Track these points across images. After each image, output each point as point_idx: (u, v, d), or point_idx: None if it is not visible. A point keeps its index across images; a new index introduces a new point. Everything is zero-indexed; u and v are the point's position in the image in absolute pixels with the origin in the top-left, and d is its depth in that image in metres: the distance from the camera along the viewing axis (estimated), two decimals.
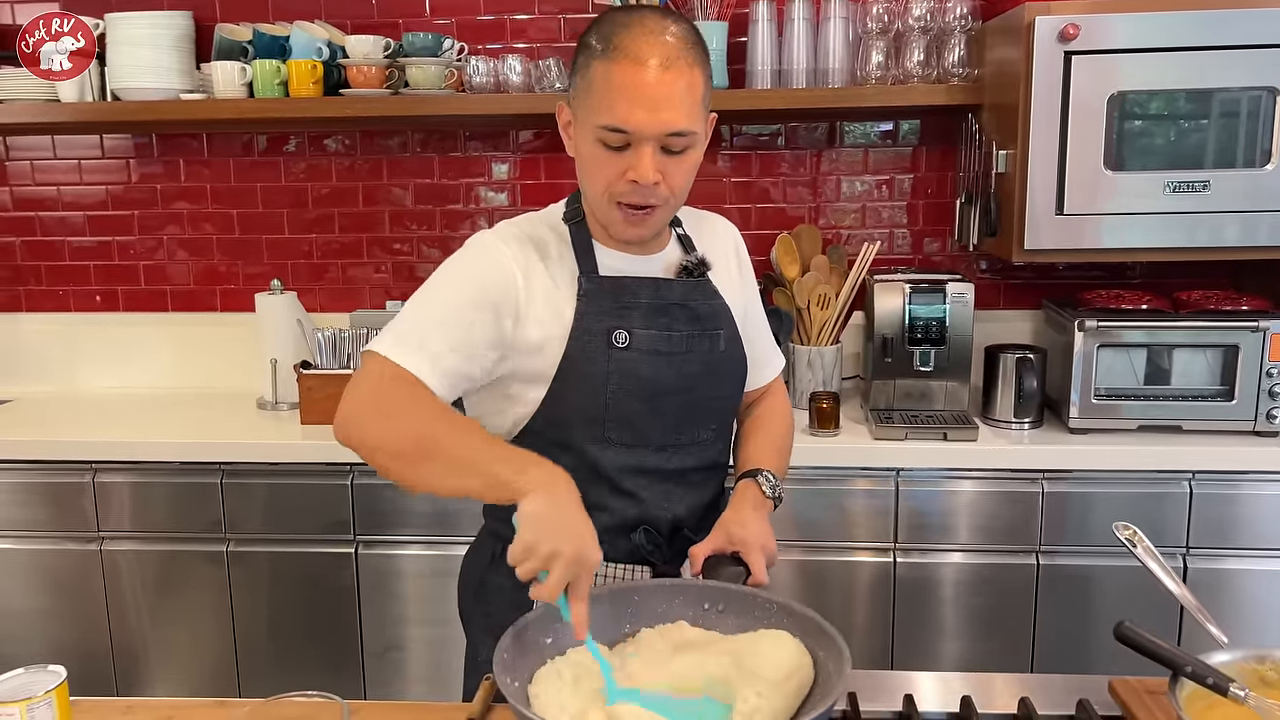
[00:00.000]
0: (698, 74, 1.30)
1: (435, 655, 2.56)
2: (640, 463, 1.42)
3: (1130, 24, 2.21)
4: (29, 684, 1.10)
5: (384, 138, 2.98)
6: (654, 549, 1.44)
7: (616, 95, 1.27)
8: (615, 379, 1.38)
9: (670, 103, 1.27)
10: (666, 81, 1.26)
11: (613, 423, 1.39)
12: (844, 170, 2.91)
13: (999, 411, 2.51)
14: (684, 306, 1.44)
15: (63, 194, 3.08)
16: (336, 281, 3.06)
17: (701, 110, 1.33)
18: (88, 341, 3.11)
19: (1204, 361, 2.41)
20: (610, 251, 1.43)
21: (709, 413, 1.48)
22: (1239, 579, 2.35)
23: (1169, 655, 1.08)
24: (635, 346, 1.39)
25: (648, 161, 1.28)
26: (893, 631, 2.43)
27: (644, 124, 1.27)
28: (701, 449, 1.48)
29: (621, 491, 1.41)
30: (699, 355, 1.44)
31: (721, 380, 1.49)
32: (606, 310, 1.39)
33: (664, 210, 1.37)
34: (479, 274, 1.37)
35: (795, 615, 1.21)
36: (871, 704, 1.23)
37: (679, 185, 1.34)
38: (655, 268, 1.46)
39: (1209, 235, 2.28)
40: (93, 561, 2.57)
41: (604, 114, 1.28)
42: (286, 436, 2.58)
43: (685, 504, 1.46)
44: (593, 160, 1.33)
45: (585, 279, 1.39)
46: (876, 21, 2.58)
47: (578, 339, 1.37)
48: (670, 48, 1.27)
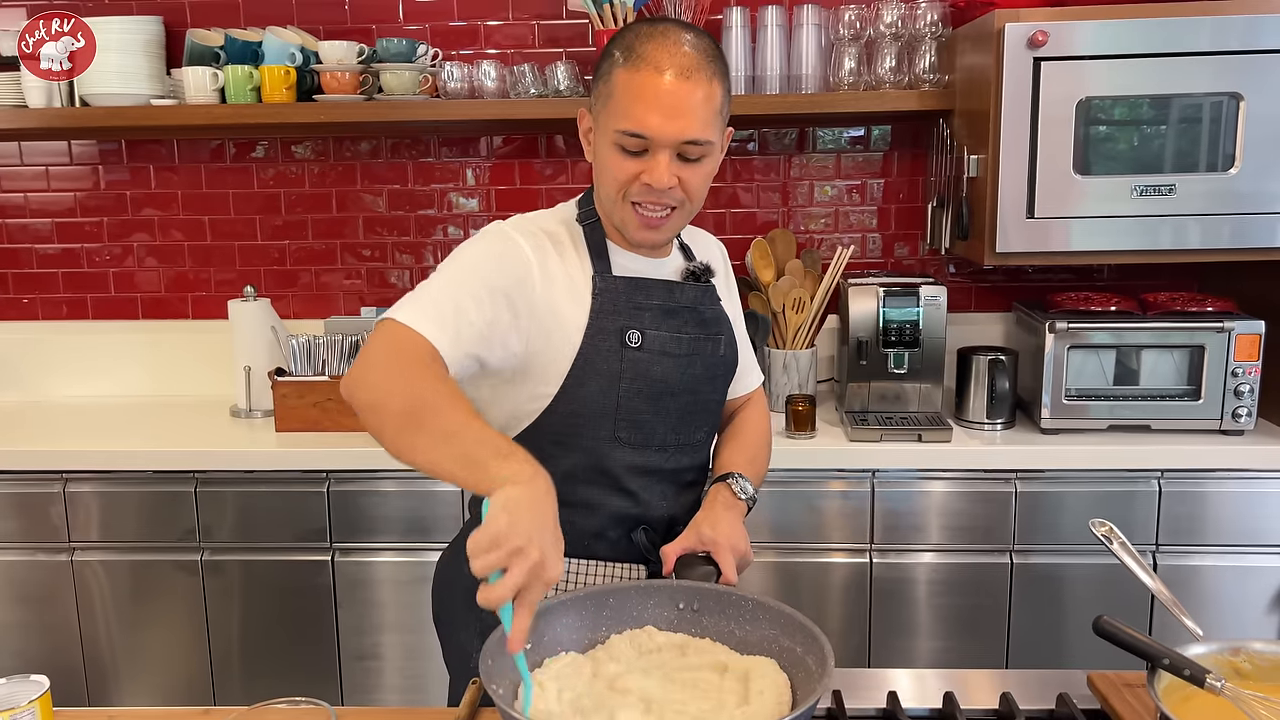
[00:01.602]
0: (716, 86, 1.34)
1: (412, 662, 2.55)
2: (645, 462, 1.44)
3: (1098, 31, 2.24)
4: (12, 694, 1.09)
5: (355, 143, 2.97)
6: (651, 547, 1.45)
7: (636, 102, 1.30)
8: (628, 378, 1.40)
9: (688, 111, 1.30)
10: (685, 91, 1.30)
11: (623, 421, 1.41)
12: (816, 175, 2.94)
13: (972, 413, 2.55)
14: (693, 310, 1.47)
15: (30, 201, 3.04)
16: (310, 288, 3.05)
17: (718, 121, 1.36)
18: (57, 350, 3.07)
19: (1171, 362, 2.45)
20: (623, 252, 1.45)
21: (705, 415, 1.52)
22: (1207, 575, 2.39)
23: (1147, 648, 1.10)
24: (647, 347, 1.41)
25: (664, 167, 1.32)
26: (869, 631, 2.46)
27: (661, 130, 1.30)
28: (696, 450, 1.52)
29: (624, 490, 1.43)
30: (702, 358, 1.48)
31: (718, 384, 1.53)
32: (620, 309, 1.41)
33: (681, 213, 1.39)
34: (496, 262, 1.37)
35: (771, 611, 1.21)
36: (855, 701, 1.25)
37: (695, 191, 1.38)
38: (666, 271, 1.49)
39: (1175, 238, 2.32)
40: (64, 572, 2.53)
41: (623, 119, 1.32)
42: (261, 444, 2.56)
43: (680, 503, 1.49)
44: (610, 164, 1.36)
45: (600, 277, 1.41)
46: (849, 28, 2.60)
47: (592, 337, 1.39)
48: (690, 59, 1.31)
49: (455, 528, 2.48)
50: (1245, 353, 2.39)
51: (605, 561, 1.45)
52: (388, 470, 2.45)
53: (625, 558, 1.46)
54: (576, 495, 1.15)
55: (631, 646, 1.22)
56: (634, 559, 1.47)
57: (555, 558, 1.06)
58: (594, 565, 1.45)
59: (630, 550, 1.46)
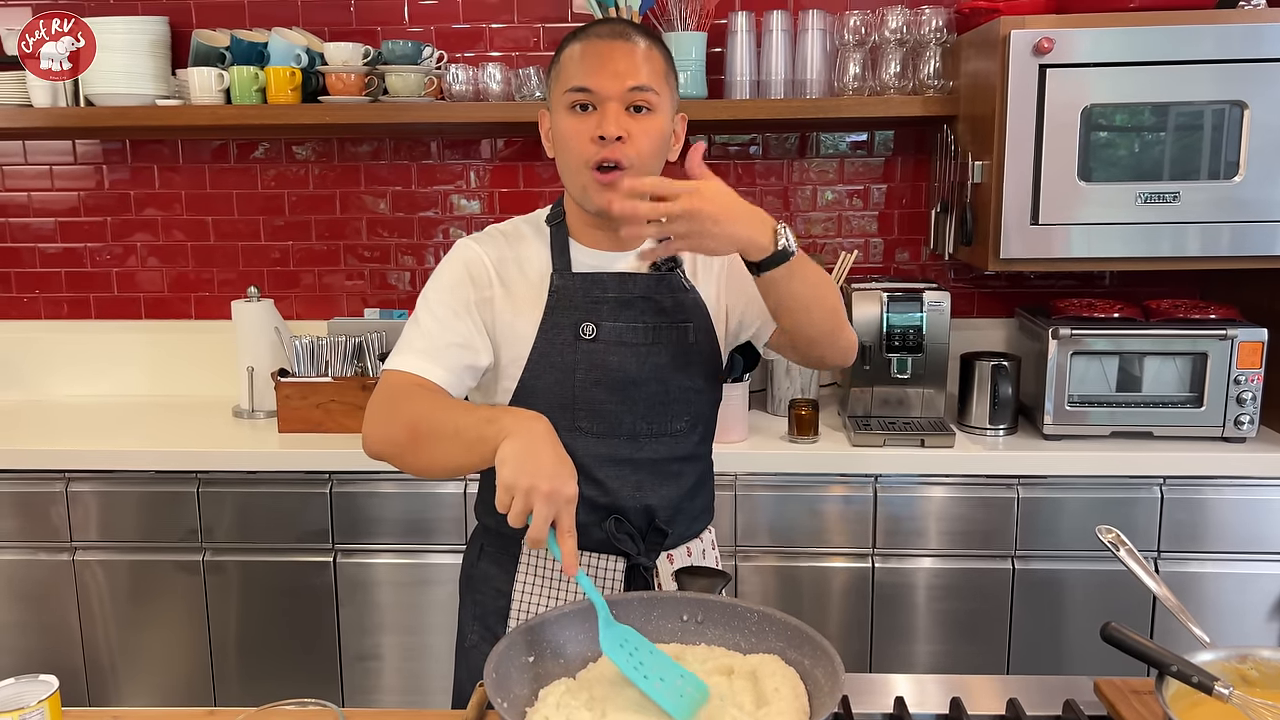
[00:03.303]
0: (655, 52, 1.44)
1: (412, 663, 2.55)
2: (612, 452, 1.47)
3: (1103, 38, 2.25)
4: (20, 694, 1.09)
5: (358, 145, 2.97)
6: (626, 538, 1.47)
7: (580, 63, 1.41)
8: (583, 369, 1.45)
9: (630, 66, 1.40)
10: (627, 50, 1.41)
11: (582, 411, 1.46)
12: (819, 180, 2.94)
13: (974, 418, 2.55)
14: (649, 299, 1.49)
15: (33, 200, 3.04)
16: (313, 289, 3.05)
17: (663, 80, 1.44)
18: (59, 350, 3.07)
19: (1174, 369, 2.46)
20: (585, 249, 1.51)
21: (681, 404, 1.51)
22: (1209, 581, 2.40)
23: (1155, 655, 1.10)
24: (602, 338, 1.46)
25: (612, 116, 1.39)
26: (871, 636, 2.46)
27: (607, 83, 1.39)
28: (675, 440, 1.51)
29: (592, 480, 1.45)
30: (667, 346, 1.49)
31: (693, 371, 1.52)
32: (576, 305, 1.47)
33: (632, 173, 1.40)
34: (456, 276, 1.49)
35: (777, 623, 1.20)
36: (862, 707, 1.25)
37: (645, 147, 1.42)
38: (626, 264, 1.51)
39: (1178, 245, 2.33)
40: (65, 572, 2.53)
41: (571, 80, 1.41)
42: (264, 445, 2.56)
43: (658, 494, 1.50)
44: (565, 131, 1.43)
45: (557, 275, 1.49)
46: (854, 33, 2.61)
47: (546, 332, 1.46)
48: (632, 31, 1.44)
49: (456, 529, 2.50)
50: (1248, 360, 2.39)
51: (586, 552, 1.48)
52: (389, 472, 2.45)
53: (599, 548, 1.49)
54: None
55: None
56: (609, 550, 1.49)
57: (567, 479, 1.18)
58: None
59: (605, 541, 1.48)
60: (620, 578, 1.49)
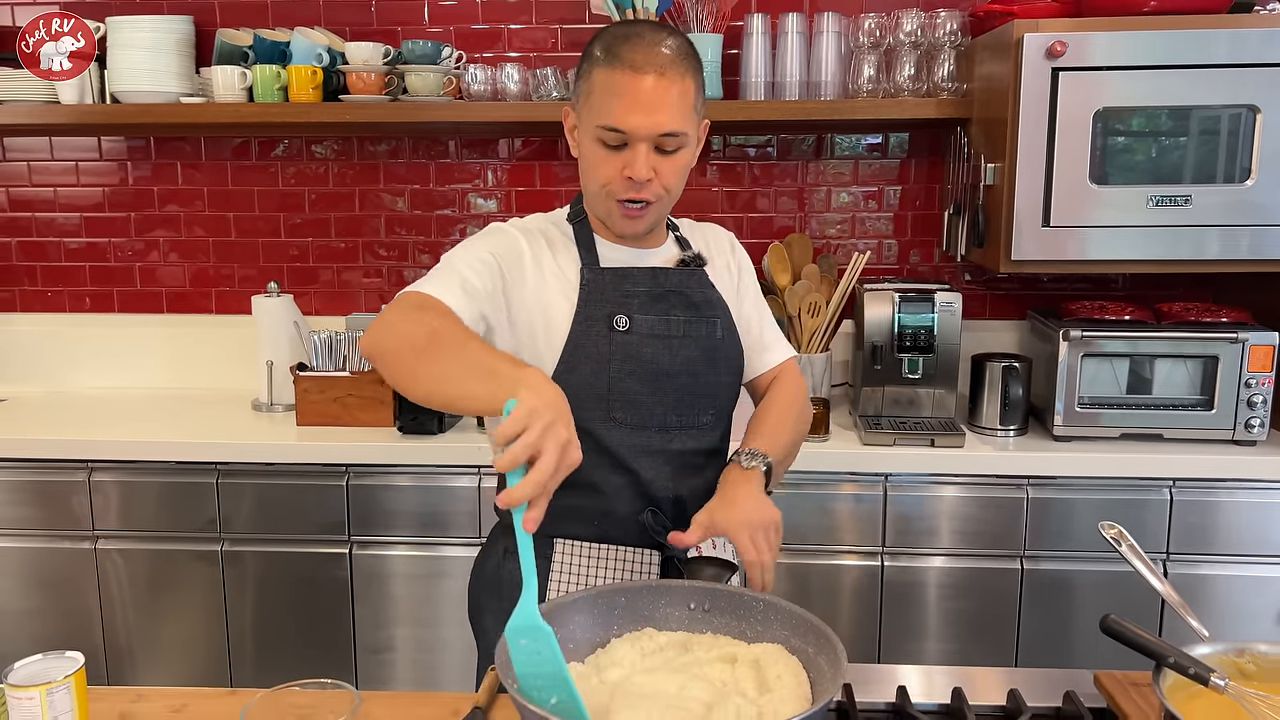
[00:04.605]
0: (689, 83, 1.43)
1: (425, 655, 2.58)
2: (644, 443, 1.49)
3: (1116, 42, 2.27)
4: (47, 669, 1.13)
5: (378, 143, 3.01)
6: (660, 530, 1.49)
7: (615, 99, 1.39)
8: (618, 360, 1.47)
9: (663, 107, 1.39)
10: (661, 88, 1.39)
11: (617, 402, 1.48)
12: (834, 181, 2.96)
13: (985, 419, 2.56)
14: (680, 294, 1.53)
15: (59, 195, 3.10)
16: (331, 285, 3.09)
17: (693, 115, 1.45)
18: (82, 343, 3.12)
19: (1184, 372, 2.47)
20: (611, 245, 1.54)
21: (708, 397, 1.55)
22: (1218, 584, 2.40)
23: (1153, 647, 1.12)
24: (635, 330, 1.49)
25: (642, 159, 1.40)
26: (880, 633, 2.48)
27: (639, 125, 1.39)
28: (701, 433, 1.55)
29: (625, 469, 1.48)
30: (696, 340, 1.53)
31: (719, 366, 1.56)
32: (608, 297, 1.49)
33: (658, 206, 1.47)
34: (492, 245, 1.48)
35: (782, 612, 1.22)
36: (865, 695, 1.27)
37: (672, 183, 1.46)
38: (653, 261, 1.56)
39: (1190, 249, 2.34)
40: (87, 560, 2.58)
41: (604, 116, 1.40)
42: (282, 437, 2.60)
43: (687, 485, 1.52)
44: (593, 158, 1.45)
45: (587, 270, 1.51)
46: (868, 36, 2.63)
47: (581, 324, 1.48)
48: (665, 58, 1.40)
49: (471, 523, 2.53)
50: (1259, 364, 2.40)
51: (619, 546, 1.50)
52: (406, 465, 2.49)
53: (638, 542, 1.51)
54: (581, 476, 1.17)
55: (633, 649, 1.22)
56: (646, 544, 1.51)
57: (577, 442, 1.10)
58: (609, 549, 1.50)
59: (642, 535, 1.50)
60: (656, 572, 1.52)
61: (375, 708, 1.24)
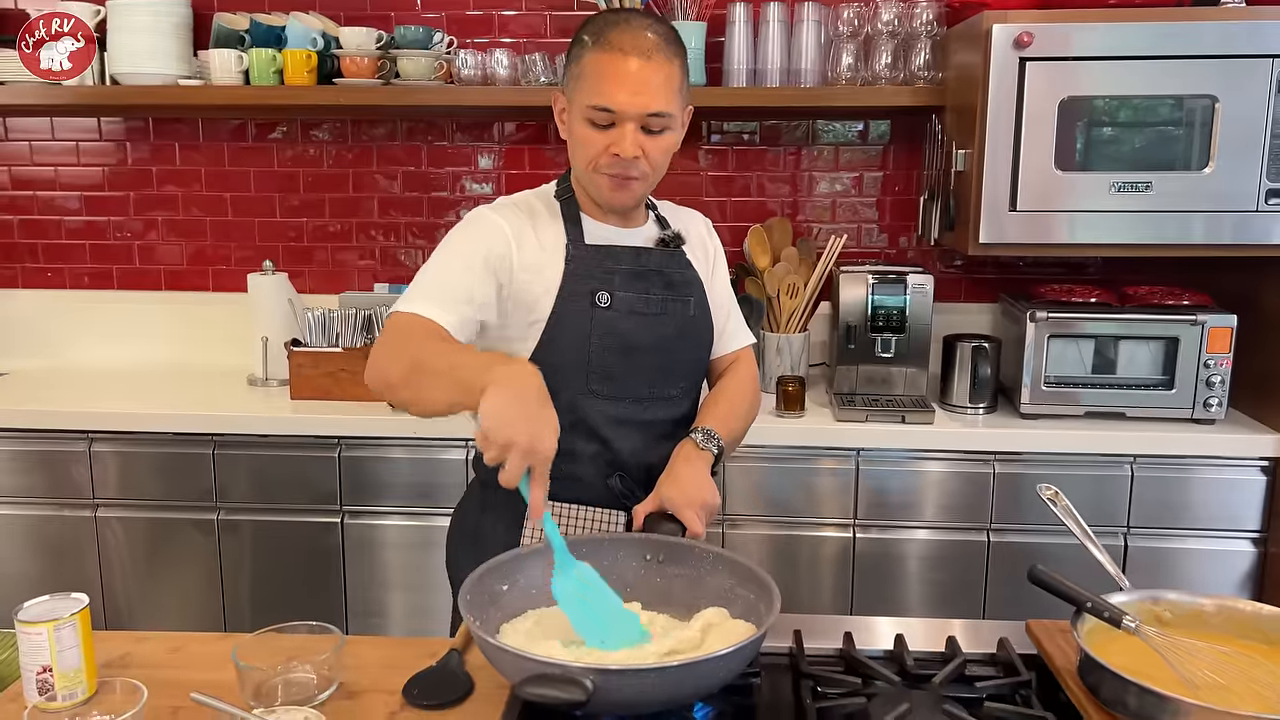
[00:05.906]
0: (674, 67, 1.50)
1: (414, 620, 2.67)
2: (619, 413, 1.59)
3: (1081, 33, 2.34)
4: (54, 609, 1.22)
5: (372, 126, 3.09)
6: (628, 494, 1.59)
7: (605, 81, 1.47)
8: (598, 335, 1.55)
9: (650, 88, 1.47)
10: (648, 71, 1.47)
11: (595, 374, 1.56)
12: (816, 167, 3.04)
13: (955, 397, 2.65)
14: (660, 273, 1.62)
15: (60, 175, 3.17)
16: (325, 264, 3.17)
17: (678, 98, 1.52)
18: (83, 319, 3.20)
19: (1147, 353, 2.55)
20: (595, 223, 1.62)
21: (680, 372, 1.65)
22: (1177, 557, 2.50)
23: (1073, 593, 1.22)
24: (616, 306, 1.57)
25: (630, 138, 1.48)
26: (851, 601, 2.57)
27: (627, 104, 1.47)
28: (672, 404, 1.65)
29: (600, 438, 1.58)
30: (672, 317, 1.62)
31: (691, 342, 1.67)
32: (592, 273, 1.57)
33: (644, 183, 1.55)
34: (474, 239, 1.55)
35: (728, 562, 1.35)
36: (814, 643, 1.36)
37: (657, 161, 1.54)
38: (636, 239, 1.64)
39: (1150, 233, 2.41)
40: (87, 528, 2.67)
41: (594, 96, 1.48)
42: (276, 410, 2.68)
43: (657, 453, 1.61)
44: (582, 138, 1.52)
45: (572, 246, 1.58)
46: (848, 25, 2.71)
47: (564, 298, 1.55)
48: (651, 43, 1.48)
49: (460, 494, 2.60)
50: (1218, 345, 2.49)
51: (589, 506, 1.59)
52: (396, 438, 2.57)
53: (607, 504, 1.60)
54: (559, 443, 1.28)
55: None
56: (614, 505, 1.60)
57: (546, 435, 1.23)
58: (579, 509, 1.59)
59: (610, 497, 1.60)
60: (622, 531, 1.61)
61: (358, 649, 1.33)
